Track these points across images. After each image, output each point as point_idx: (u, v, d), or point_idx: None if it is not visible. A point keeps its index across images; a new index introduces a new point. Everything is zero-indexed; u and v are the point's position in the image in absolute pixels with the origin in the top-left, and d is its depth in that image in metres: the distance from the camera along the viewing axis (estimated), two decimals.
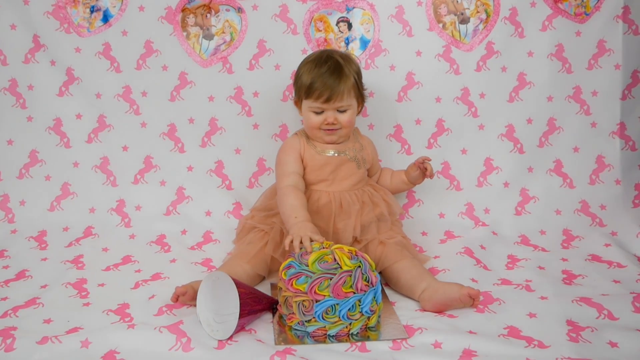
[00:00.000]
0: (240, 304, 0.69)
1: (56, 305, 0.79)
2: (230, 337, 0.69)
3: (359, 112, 0.94)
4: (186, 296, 0.76)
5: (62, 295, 0.82)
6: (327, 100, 0.86)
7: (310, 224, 0.80)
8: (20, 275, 0.89)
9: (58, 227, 1.05)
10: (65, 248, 0.99)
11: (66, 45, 1.06)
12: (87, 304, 0.79)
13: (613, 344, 0.67)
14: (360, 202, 0.89)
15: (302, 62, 0.91)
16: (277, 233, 0.88)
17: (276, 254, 0.86)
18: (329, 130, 0.89)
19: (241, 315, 0.69)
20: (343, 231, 0.86)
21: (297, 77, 0.90)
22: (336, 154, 0.91)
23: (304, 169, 0.91)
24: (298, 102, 0.92)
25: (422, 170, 0.93)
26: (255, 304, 0.73)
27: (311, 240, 0.75)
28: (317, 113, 0.88)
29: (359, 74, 0.91)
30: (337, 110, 0.88)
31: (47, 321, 0.74)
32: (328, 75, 0.86)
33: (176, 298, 0.76)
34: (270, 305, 0.77)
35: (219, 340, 0.68)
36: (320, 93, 0.86)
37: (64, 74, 1.07)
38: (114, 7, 1.06)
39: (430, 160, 0.93)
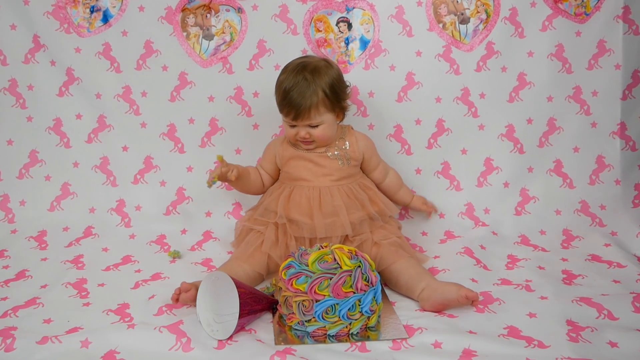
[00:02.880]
0: (240, 303, 0.69)
1: (56, 305, 0.79)
2: (230, 337, 0.69)
3: (341, 119, 0.94)
4: (188, 294, 0.76)
5: (62, 295, 0.83)
6: (295, 119, 0.88)
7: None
8: (20, 275, 0.90)
9: (58, 227, 1.05)
10: (65, 248, 0.99)
11: (66, 46, 1.06)
12: (87, 304, 0.80)
13: (613, 344, 0.67)
14: (344, 197, 0.89)
15: (281, 70, 0.92)
16: (272, 231, 0.89)
17: (272, 251, 0.87)
18: (304, 142, 0.91)
19: (241, 315, 0.69)
20: (331, 227, 0.87)
21: (276, 84, 0.92)
22: (314, 152, 0.92)
23: (287, 167, 0.93)
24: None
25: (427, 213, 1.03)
26: (255, 303, 0.73)
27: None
28: (291, 126, 0.90)
29: (333, 86, 0.89)
30: (309, 126, 0.89)
31: (47, 321, 0.75)
32: (295, 94, 0.86)
33: (177, 296, 0.76)
34: (270, 305, 0.77)
35: (219, 340, 0.69)
36: (287, 111, 0.88)
37: (64, 74, 1.07)
38: (114, 7, 1.06)
39: (437, 212, 1.04)
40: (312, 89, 0.87)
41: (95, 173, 1.10)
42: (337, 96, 0.90)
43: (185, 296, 0.76)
